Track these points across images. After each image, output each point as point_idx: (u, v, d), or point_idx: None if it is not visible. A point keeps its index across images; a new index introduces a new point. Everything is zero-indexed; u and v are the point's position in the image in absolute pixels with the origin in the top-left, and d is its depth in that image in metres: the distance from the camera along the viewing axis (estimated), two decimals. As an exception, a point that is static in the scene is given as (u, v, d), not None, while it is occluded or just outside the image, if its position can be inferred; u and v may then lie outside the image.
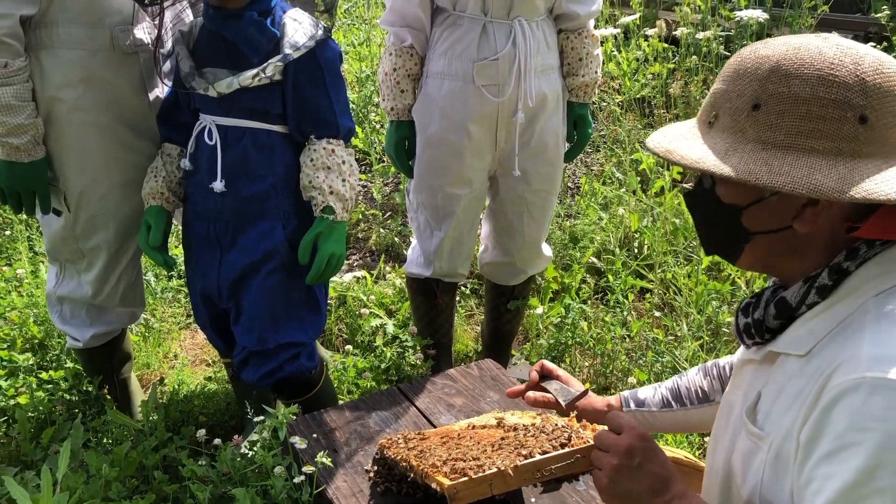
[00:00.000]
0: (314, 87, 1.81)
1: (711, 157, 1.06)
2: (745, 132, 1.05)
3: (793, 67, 1.02)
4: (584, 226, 3.27)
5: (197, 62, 1.82)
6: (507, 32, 2.05)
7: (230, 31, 1.77)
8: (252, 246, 1.87)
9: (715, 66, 4.11)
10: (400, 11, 2.10)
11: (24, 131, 1.87)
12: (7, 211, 3.49)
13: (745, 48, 1.11)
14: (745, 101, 1.05)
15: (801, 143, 1.01)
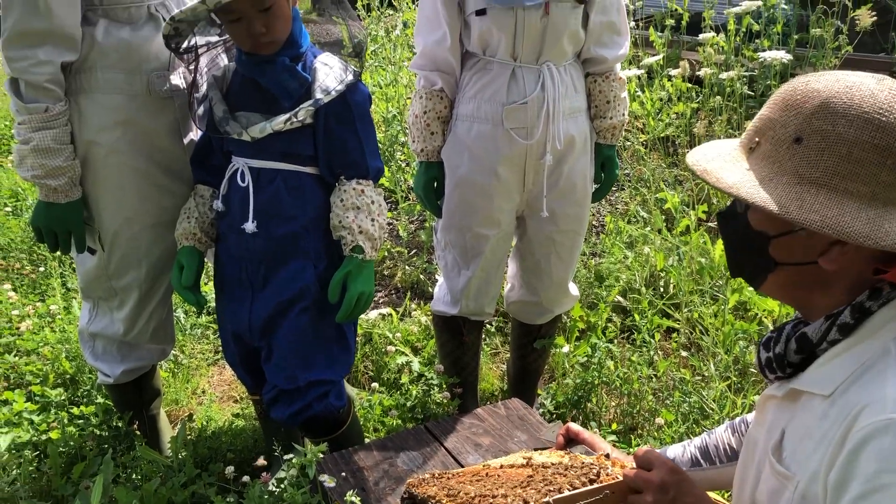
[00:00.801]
0: (344, 129, 1.85)
1: (746, 184, 1.07)
2: (784, 164, 1.06)
3: (841, 106, 1.02)
4: (610, 264, 3.27)
5: (230, 106, 1.87)
6: (535, 77, 2.08)
7: (263, 77, 1.81)
8: (283, 285, 1.90)
9: (739, 105, 4.13)
10: (431, 56, 2.14)
11: (62, 173, 1.92)
12: (42, 248, 3.56)
13: (799, 78, 1.10)
14: (788, 132, 1.06)
15: (836, 184, 1.01)
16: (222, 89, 1.91)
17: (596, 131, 2.27)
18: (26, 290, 3.33)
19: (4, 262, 3.50)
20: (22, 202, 4.09)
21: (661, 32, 4.77)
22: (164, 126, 2.03)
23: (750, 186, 1.06)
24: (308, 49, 1.86)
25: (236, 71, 1.90)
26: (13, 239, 3.66)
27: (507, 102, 2.10)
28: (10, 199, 4.17)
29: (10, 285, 3.27)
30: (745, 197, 1.05)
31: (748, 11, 4.17)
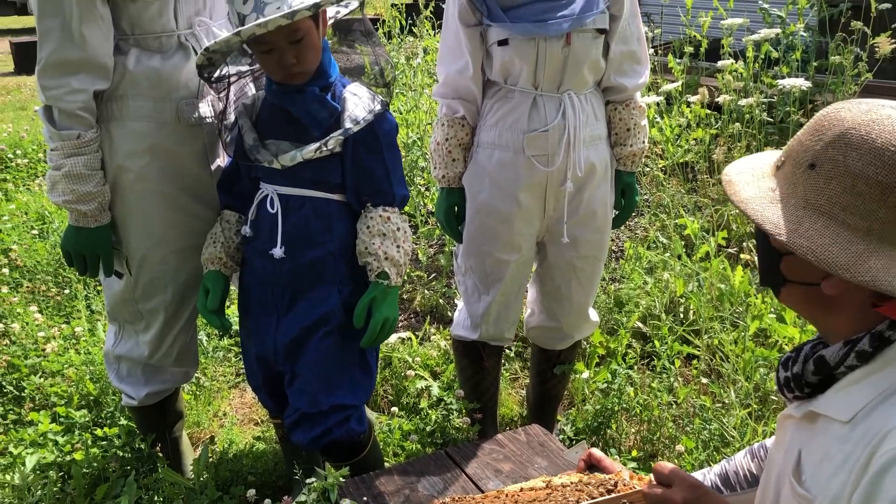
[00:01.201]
0: (372, 158, 1.88)
1: (757, 201, 1.11)
2: (797, 187, 1.09)
3: (857, 139, 1.03)
4: (630, 290, 3.28)
5: (260, 134, 1.91)
6: (556, 105, 2.11)
7: (293, 106, 1.85)
8: (309, 310, 1.92)
9: (758, 132, 4.14)
10: (453, 85, 2.18)
11: (92, 198, 1.96)
12: (67, 271, 3.62)
13: (837, 103, 1.12)
14: (807, 157, 1.08)
15: (836, 213, 1.04)
16: (252, 117, 1.95)
17: (616, 158, 2.29)
18: (52, 312, 3.38)
19: (31, 285, 3.55)
20: (48, 225, 4.16)
21: (679, 59, 4.80)
22: (192, 152, 2.07)
23: (758, 204, 1.10)
24: (337, 79, 1.90)
25: (265, 100, 1.94)
26: (39, 261, 3.71)
27: (529, 130, 2.12)
28: (36, 222, 4.24)
29: (37, 307, 3.32)
30: (749, 213, 1.10)
31: (767, 39, 4.19)
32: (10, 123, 6.50)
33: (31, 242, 3.91)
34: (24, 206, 4.41)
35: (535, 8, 2.02)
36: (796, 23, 4.48)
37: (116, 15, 1.92)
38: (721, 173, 1.23)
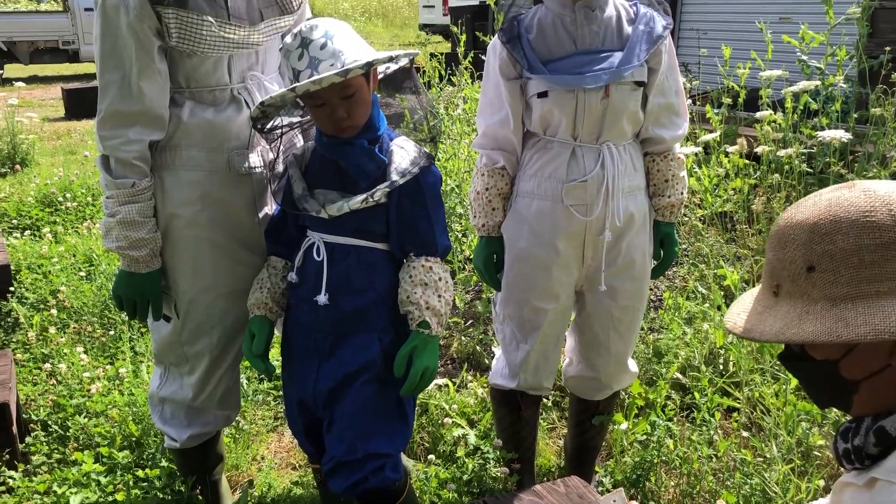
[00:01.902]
0: (417, 209, 1.92)
1: (788, 327, 1.11)
2: (810, 294, 1.10)
3: (830, 225, 1.08)
4: (669, 340, 3.26)
5: (308, 183, 1.96)
6: (595, 156, 2.14)
7: (342, 158, 1.90)
8: (350, 357, 1.95)
9: (798, 183, 4.12)
10: (493, 136, 2.23)
11: (144, 245, 2.02)
12: (112, 312, 3.70)
13: (781, 216, 1.18)
14: (798, 266, 1.11)
15: (865, 290, 1.05)
16: (301, 167, 2.00)
17: (654, 209, 2.31)
18: (97, 352, 3.45)
19: (77, 326, 3.63)
20: (95, 267, 4.26)
21: (717, 109, 4.82)
22: (242, 201, 2.12)
23: (793, 328, 1.10)
24: (385, 132, 1.95)
25: (315, 150, 2.00)
26: (86, 303, 3.80)
27: (567, 180, 2.15)
28: (84, 264, 4.35)
29: (83, 348, 3.40)
30: (795, 338, 1.09)
31: (806, 90, 4.20)
32: (61, 168, 6.69)
33: (79, 284, 4.01)
34: (73, 249, 4.52)
35: (574, 61, 2.07)
36: (836, 74, 4.48)
37: (173, 69, 2.00)
38: (726, 326, 1.23)
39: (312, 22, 1.81)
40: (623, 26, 2.11)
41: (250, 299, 2.06)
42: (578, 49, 2.08)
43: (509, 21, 2.16)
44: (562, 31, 2.10)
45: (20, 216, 5.26)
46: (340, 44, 1.79)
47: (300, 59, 1.78)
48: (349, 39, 1.82)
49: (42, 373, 3.22)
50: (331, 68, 1.75)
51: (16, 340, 3.56)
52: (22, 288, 3.97)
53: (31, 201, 5.47)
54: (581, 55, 2.07)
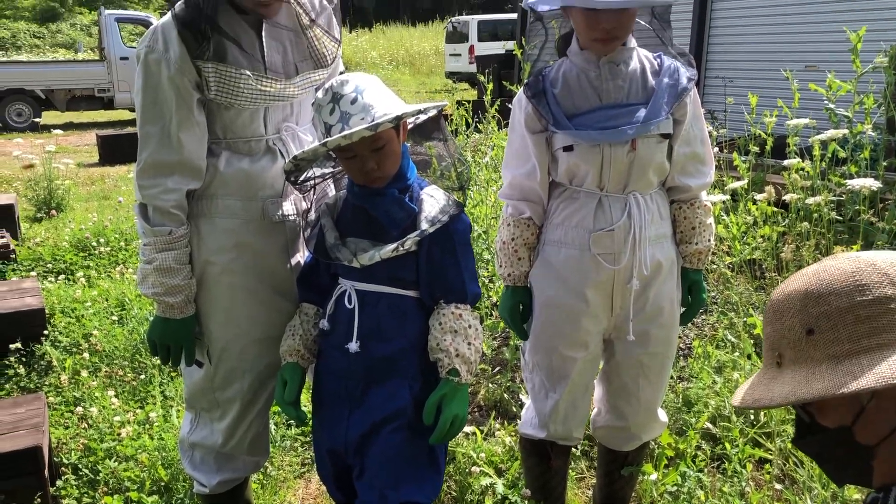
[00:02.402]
0: (446, 257, 1.94)
1: (797, 389, 1.13)
2: (813, 356, 1.13)
3: (823, 288, 1.12)
4: (699, 390, 3.23)
5: (340, 232, 2.00)
6: (622, 206, 2.15)
7: (373, 207, 1.94)
8: (380, 404, 1.96)
9: (827, 230, 4.10)
10: (519, 187, 2.25)
11: (179, 291, 2.06)
12: (144, 356, 3.74)
13: (774, 292, 1.23)
14: (797, 332, 1.14)
15: (866, 345, 1.08)
16: (333, 216, 2.04)
17: (682, 256, 2.31)
18: (127, 396, 3.48)
19: (109, 369, 3.68)
20: (128, 311, 4.32)
21: (745, 157, 4.82)
22: (275, 248, 2.16)
23: (801, 389, 1.12)
24: (415, 181, 1.99)
25: (346, 199, 2.04)
26: (118, 346, 3.86)
27: (594, 229, 2.16)
28: (116, 308, 4.41)
29: (114, 391, 3.43)
30: (805, 396, 1.11)
31: (834, 138, 4.20)
32: (95, 213, 6.84)
33: (111, 328, 4.07)
34: (106, 293, 4.60)
35: (599, 115, 2.09)
36: (864, 122, 4.47)
37: (211, 120, 2.06)
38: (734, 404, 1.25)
39: (343, 77, 1.86)
40: (647, 79, 2.13)
41: (282, 346, 2.08)
42: (603, 103, 2.10)
43: (535, 75, 2.19)
44: (587, 86, 2.12)
45: (55, 260, 5.37)
46: (370, 98, 1.84)
47: (331, 113, 1.83)
48: (379, 93, 1.86)
49: (73, 416, 3.26)
50: (361, 122, 1.80)
51: (48, 384, 3.61)
52: (55, 331, 4.03)
53: (65, 246, 5.58)
54: (606, 109, 2.09)
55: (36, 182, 7.22)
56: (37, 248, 5.64)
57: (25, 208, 7.19)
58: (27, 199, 7.34)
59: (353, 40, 30.22)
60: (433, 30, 32.26)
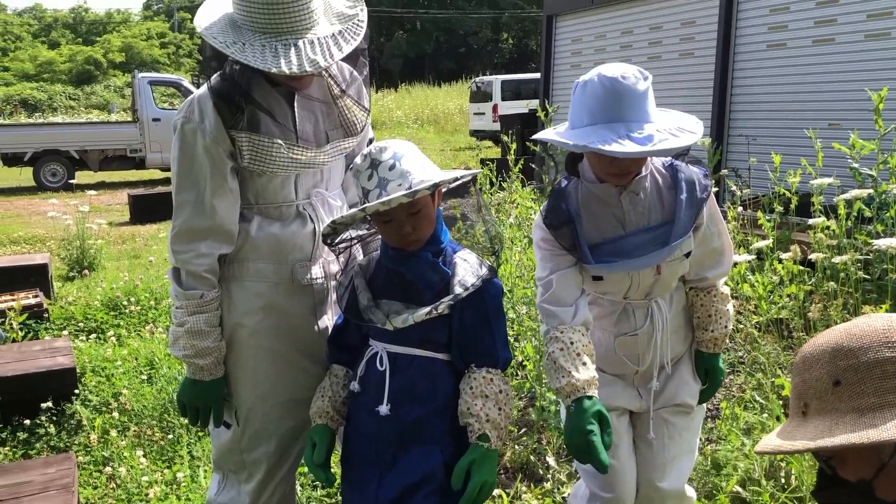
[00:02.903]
0: (479, 321, 1.96)
1: (818, 437, 1.15)
2: (838, 408, 1.15)
3: (852, 342, 1.15)
4: (727, 452, 3.19)
5: (372, 293, 2.02)
6: (645, 311, 2.19)
7: (408, 270, 1.96)
8: (411, 468, 1.95)
9: (854, 290, 4.08)
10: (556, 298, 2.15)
11: (209, 353, 2.10)
12: (172, 415, 3.77)
13: (805, 345, 1.26)
14: (824, 383, 1.17)
15: (891, 400, 1.11)
16: (366, 278, 2.06)
17: (697, 341, 2.32)
18: (155, 456, 3.51)
19: (138, 429, 3.71)
20: (157, 370, 4.37)
21: (769, 215, 4.83)
22: (303, 310, 2.20)
23: (822, 438, 1.14)
24: (448, 244, 2.02)
25: (379, 261, 2.07)
26: (146, 406, 3.90)
27: (619, 333, 2.20)
28: (146, 367, 4.47)
29: (142, 451, 3.46)
30: (828, 444, 1.13)
31: (859, 197, 4.20)
32: (126, 272, 6.96)
33: (140, 387, 4.12)
34: (136, 352, 4.66)
35: (625, 244, 2.08)
36: (888, 181, 4.48)
37: (243, 187, 2.13)
38: (756, 452, 1.28)
39: (381, 144, 1.92)
40: (663, 195, 2.12)
41: (312, 408, 2.10)
42: (627, 231, 2.10)
43: (553, 206, 2.13)
44: (609, 216, 2.11)
45: (86, 319, 5.46)
46: (408, 164, 1.89)
47: (370, 179, 1.87)
48: (415, 160, 1.92)
49: (102, 476, 3.28)
50: (399, 188, 1.85)
51: (78, 443, 3.65)
52: (86, 390, 4.09)
53: (97, 305, 5.68)
54: (631, 237, 2.08)
55: (69, 241, 7.38)
56: (69, 306, 5.75)
57: (58, 267, 7.34)
58: (60, 258, 7.50)
59: (379, 100, 30.79)
60: (457, 89, 32.81)
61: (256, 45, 1.92)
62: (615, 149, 1.87)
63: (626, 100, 1.93)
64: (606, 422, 1.93)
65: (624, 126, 1.92)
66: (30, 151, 15.84)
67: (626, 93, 1.93)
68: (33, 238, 9.45)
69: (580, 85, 2.01)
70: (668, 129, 1.95)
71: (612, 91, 1.93)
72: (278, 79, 2.03)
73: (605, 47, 11.93)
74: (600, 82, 1.94)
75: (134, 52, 47.98)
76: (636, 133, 1.91)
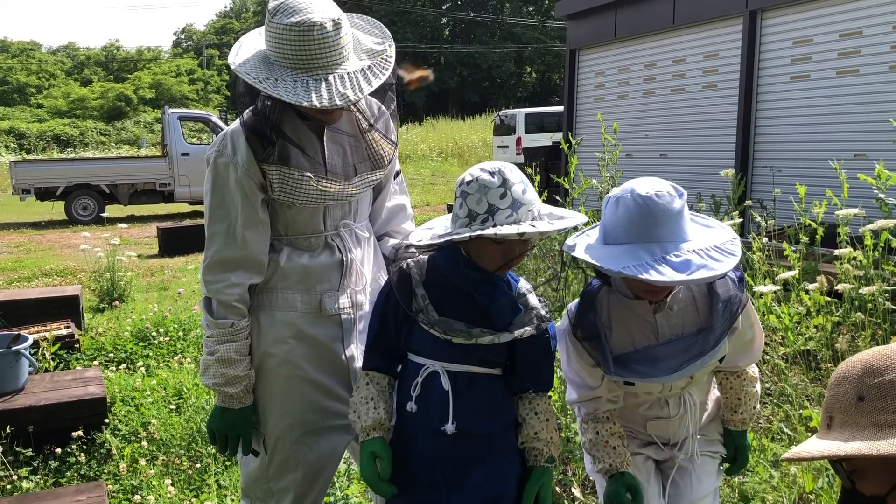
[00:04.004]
0: (543, 351, 2.00)
1: (834, 446, 1.20)
2: (859, 422, 1.20)
3: (882, 363, 1.21)
4: (755, 484, 3.17)
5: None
6: (678, 402, 2.18)
7: (483, 296, 1.95)
8: (482, 487, 1.94)
9: (882, 321, 4.04)
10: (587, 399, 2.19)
11: (239, 382, 2.14)
12: (200, 444, 3.81)
13: (842, 363, 1.32)
14: (849, 397, 1.22)
15: None
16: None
17: (725, 420, 2.31)
18: (183, 485, 3.54)
19: (166, 458, 3.75)
20: (185, 400, 4.42)
21: (794, 246, 4.81)
22: (330, 339, 2.23)
23: (839, 447, 1.20)
24: (510, 275, 2.04)
25: (437, 274, 1.99)
26: (174, 435, 3.94)
27: (651, 417, 2.21)
28: (174, 397, 4.52)
29: (170, 480, 3.50)
30: (840, 452, 1.18)
31: (885, 228, 4.18)
32: (155, 303, 7.06)
33: (168, 416, 4.17)
34: (164, 382, 4.72)
35: (657, 352, 2.04)
36: (915, 211, 4.46)
37: (273, 218, 2.18)
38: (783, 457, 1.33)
39: (497, 165, 1.91)
40: (698, 304, 2.08)
41: (365, 420, 1.99)
42: (660, 342, 2.06)
43: (584, 321, 2.08)
44: (643, 325, 2.08)
45: (116, 350, 5.54)
46: (532, 193, 1.91)
47: (502, 198, 1.84)
48: (534, 191, 1.94)
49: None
50: (528, 214, 1.86)
51: (107, 472, 3.69)
52: (115, 420, 4.14)
53: (126, 335, 5.76)
54: (663, 346, 2.04)
55: (100, 273, 7.50)
56: (99, 337, 5.84)
57: (89, 299, 7.46)
58: (91, 290, 7.62)
59: (404, 134, 31.06)
60: (481, 123, 33.06)
61: (288, 81, 1.99)
62: (654, 278, 1.81)
63: (660, 220, 1.88)
64: (637, 492, 2.07)
65: (660, 247, 1.87)
66: (62, 186, 16.16)
67: (661, 213, 1.88)
68: (65, 270, 9.61)
69: (612, 200, 1.96)
70: (705, 251, 1.89)
71: (646, 210, 1.88)
72: (309, 113, 2.09)
73: (628, 80, 12.00)
74: (634, 200, 1.90)
75: (163, 88, 48.93)
76: (672, 256, 1.86)
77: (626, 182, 1.99)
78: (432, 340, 1.95)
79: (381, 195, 2.43)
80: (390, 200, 2.45)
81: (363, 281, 2.29)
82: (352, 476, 3.56)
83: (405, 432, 2.02)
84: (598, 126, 9.45)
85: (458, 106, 45.31)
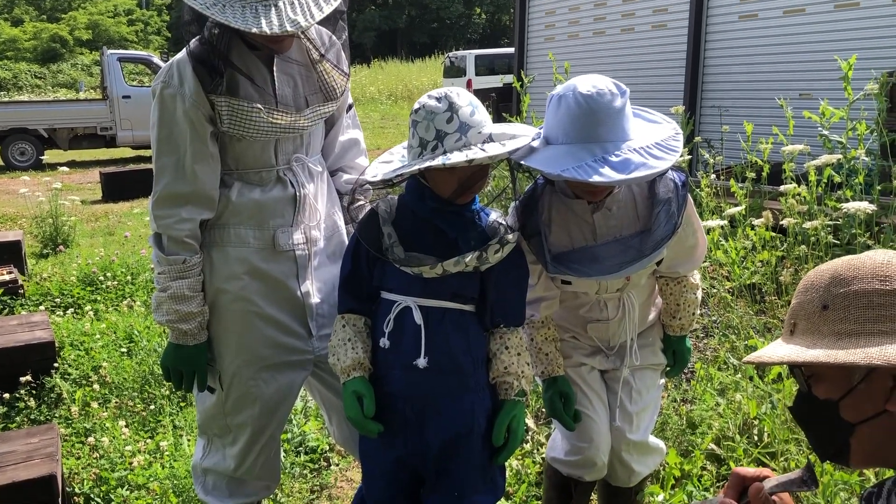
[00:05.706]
0: (514, 282, 2.00)
1: (795, 353, 1.23)
2: (820, 329, 1.22)
3: (849, 273, 1.21)
4: (702, 411, 3.27)
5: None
6: (616, 303, 2.23)
7: (450, 226, 1.94)
8: (459, 416, 1.95)
9: (825, 254, 4.16)
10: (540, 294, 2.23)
11: (193, 318, 2.12)
12: (153, 387, 3.78)
13: (811, 271, 1.33)
14: (814, 305, 1.24)
15: (868, 329, 1.17)
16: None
17: (664, 325, 2.36)
18: (138, 426, 3.52)
19: (119, 400, 3.72)
20: (136, 343, 4.37)
21: (741, 183, 4.90)
22: (285, 275, 2.21)
23: (799, 353, 1.22)
24: (477, 204, 2.01)
25: (405, 209, 1.99)
26: (127, 378, 3.90)
27: (590, 319, 2.25)
28: (124, 340, 4.46)
29: (124, 422, 3.47)
30: (798, 359, 1.20)
31: (829, 164, 4.28)
32: (101, 248, 6.90)
33: (120, 360, 4.12)
34: (114, 326, 4.65)
35: (595, 252, 2.04)
36: (857, 148, 4.56)
37: (223, 152, 2.13)
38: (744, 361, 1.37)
39: (447, 89, 1.87)
40: (638, 207, 2.08)
41: (345, 361, 1.97)
42: (598, 242, 2.06)
43: (529, 221, 2.06)
44: (581, 225, 2.08)
45: (63, 295, 5.42)
46: (482, 114, 1.86)
47: (448, 122, 1.81)
48: (484, 111, 1.90)
49: (85, 447, 3.29)
50: (478, 136, 1.83)
51: (59, 415, 3.64)
52: (65, 364, 4.08)
53: (73, 280, 5.64)
54: (601, 247, 2.05)
55: (42, 219, 7.29)
56: (44, 283, 5.70)
57: (31, 245, 7.26)
58: (33, 236, 7.41)
59: (353, 76, 30.44)
60: (431, 65, 32.60)
61: (237, 6, 1.92)
62: (594, 179, 1.79)
63: (601, 119, 1.85)
64: (569, 398, 2.22)
65: (600, 147, 1.85)
66: (-4, 130, 15.54)
67: (602, 112, 1.85)
68: (3, 217, 9.32)
69: (554, 99, 1.93)
70: (645, 149, 1.87)
71: (586, 109, 1.85)
72: (258, 41, 2.03)
73: (578, 20, 11.92)
74: (575, 100, 1.87)
75: (101, 29, 47.02)
76: (613, 156, 1.83)
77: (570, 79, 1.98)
78: (405, 277, 1.94)
79: (333, 129, 2.39)
80: (343, 134, 2.41)
81: (317, 216, 2.26)
82: (308, 413, 3.58)
83: (378, 371, 2.01)
84: (549, 66, 9.40)
85: (407, 48, 44.60)
